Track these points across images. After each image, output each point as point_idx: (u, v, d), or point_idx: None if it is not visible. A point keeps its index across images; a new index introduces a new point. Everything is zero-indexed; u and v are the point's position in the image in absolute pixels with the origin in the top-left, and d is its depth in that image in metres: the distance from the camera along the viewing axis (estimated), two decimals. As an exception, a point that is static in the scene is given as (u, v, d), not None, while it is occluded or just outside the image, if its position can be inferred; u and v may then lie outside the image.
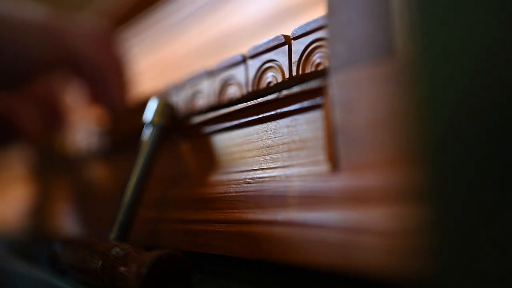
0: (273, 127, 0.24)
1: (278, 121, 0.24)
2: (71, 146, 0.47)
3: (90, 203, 0.43)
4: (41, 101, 0.48)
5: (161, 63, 0.50)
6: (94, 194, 0.43)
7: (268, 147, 0.24)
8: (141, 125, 0.31)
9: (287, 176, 0.22)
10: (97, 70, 0.42)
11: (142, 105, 0.33)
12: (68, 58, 0.41)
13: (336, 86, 0.19)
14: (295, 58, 0.23)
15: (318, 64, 0.22)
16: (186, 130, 0.31)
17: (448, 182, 0.15)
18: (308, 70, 0.22)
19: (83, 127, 0.45)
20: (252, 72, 0.25)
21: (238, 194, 0.24)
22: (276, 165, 0.24)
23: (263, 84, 0.25)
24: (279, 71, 0.24)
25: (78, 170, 0.47)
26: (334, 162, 0.19)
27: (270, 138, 0.24)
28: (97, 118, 0.44)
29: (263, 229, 0.21)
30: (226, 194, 0.25)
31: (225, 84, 0.27)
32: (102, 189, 0.42)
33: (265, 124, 0.25)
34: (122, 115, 0.39)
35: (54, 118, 0.49)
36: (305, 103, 0.22)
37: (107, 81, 0.42)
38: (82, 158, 0.45)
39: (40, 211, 0.53)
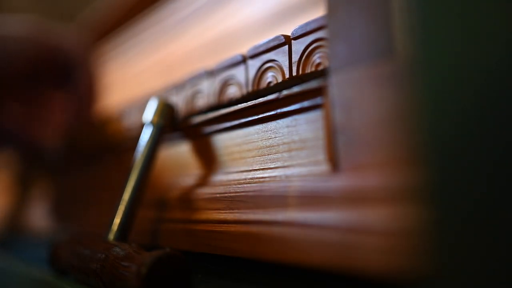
0: (273, 127, 0.24)
1: (278, 121, 0.24)
2: (66, 146, 0.47)
3: (91, 202, 0.43)
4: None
5: (161, 63, 0.50)
6: (94, 194, 0.43)
7: (268, 147, 0.24)
8: (136, 126, 0.31)
9: (287, 176, 0.22)
10: (76, 67, 0.44)
11: (142, 105, 0.33)
12: (50, 58, 0.43)
13: (336, 86, 0.19)
14: (295, 58, 0.23)
15: (318, 64, 0.22)
16: (186, 130, 0.31)
17: (448, 182, 0.15)
18: (308, 70, 0.22)
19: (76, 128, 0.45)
20: (252, 72, 0.25)
21: (238, 194, 0.24)
22: (276, 165, 0.24)
23: (263, 84, 0.25)
24: (279, 71, 0.24)
25: (77, 170, 0.47)
26: (334, 162, 0.19)
27: (270, 138, 0.24)
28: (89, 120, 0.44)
29: (263, 229, 0.21)
30: (226, 194, 0.25)
31: (225, 84, 0.27)
32: (101, 189, 0.42)
33: (265, 124, 0.25)
34: (117, 116, 0.39)
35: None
36: (305, 103, 0.22)
37: (80, 84, 0.44)
38: (80, 157, 0.46)
39: (33, 210, 0.53)
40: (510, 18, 0.14)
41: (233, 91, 0.27)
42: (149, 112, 0.30)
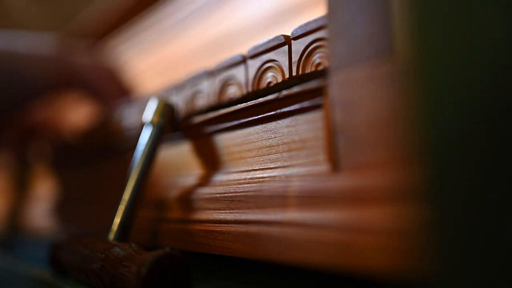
0: (273, 127, 0.24)
1: (278, 121, 0.24)
2: (66, 146, 0.47)
3: (91, 202, 0.43)
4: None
5: (161, 63, 0.50)
6: (94, 194, 0.43)
7: (268, 147, 0.24)
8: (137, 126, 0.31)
9: (287, 176, 0.22)
10: (97, 82, 0.46)
11: (142, 104, 0.33)
12: (71, 78, 0.45)
13: (336, 86, 0.19)
14: (295, 58, 0.23)
15: (318, 64, 0.22)
16: (186, 130, 0.31)
17: (448, 182, 0.15)
18: (308, 70, 0.22)
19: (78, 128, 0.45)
20: (252, 72, 0.25)
21: (238, 194, 0.24)
22: (276, 165, 0.24)
23: (263, 84, 0.25)
24: (279, 71, 0.24)
25: (77, 170, 0.47)
26: (334, 162, 0.19)
27: (270, 138, 0.24)
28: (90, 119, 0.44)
29: (263, 229, 0.21)
30: (226, 194, 0.25)
31: (225, 84, 0.27)
32: (101, 189, 0.42)
33: (265, 124, 0.25)
34: (117, 116, 0.39)
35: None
36: (305, 103, 0.22)
37: (106, 89, 0.46)
38: (81, 157, 0.46)
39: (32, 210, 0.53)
40: (510, 18, 0.14)
41: (233, 91, 0.27)
42: (149, 112, 0.30)
